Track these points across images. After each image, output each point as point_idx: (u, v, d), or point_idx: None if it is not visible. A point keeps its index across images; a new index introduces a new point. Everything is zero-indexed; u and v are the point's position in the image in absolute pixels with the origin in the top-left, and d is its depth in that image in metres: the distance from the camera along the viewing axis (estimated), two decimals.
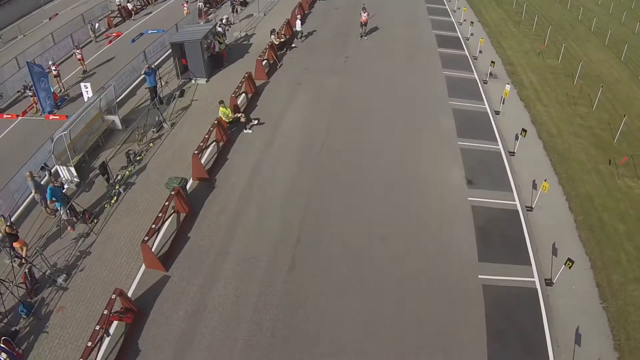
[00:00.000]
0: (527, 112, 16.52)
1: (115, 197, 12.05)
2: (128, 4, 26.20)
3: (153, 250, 10.18)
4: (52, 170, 12.84)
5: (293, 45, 20.35)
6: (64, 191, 11.28)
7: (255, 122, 14.58)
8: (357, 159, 13.46)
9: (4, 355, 8.43)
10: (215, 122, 13.26)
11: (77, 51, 19.54)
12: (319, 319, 9.06)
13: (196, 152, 12.02)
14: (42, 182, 12.27)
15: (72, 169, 12.84)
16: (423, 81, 18.02)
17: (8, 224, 9.99)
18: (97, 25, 23.61)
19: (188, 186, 12.15)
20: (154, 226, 9.85)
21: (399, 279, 9.89)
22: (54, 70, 17.96)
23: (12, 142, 15.05)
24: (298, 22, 21.02)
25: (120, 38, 23.22)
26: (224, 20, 20.85)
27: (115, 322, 8.95)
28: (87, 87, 15.53)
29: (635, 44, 24.28)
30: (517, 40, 23.09)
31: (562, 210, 12.32)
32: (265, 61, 18.09)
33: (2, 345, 8.46)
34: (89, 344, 8.05)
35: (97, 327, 8.28)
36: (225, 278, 9.81)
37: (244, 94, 16.19)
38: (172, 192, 10.64)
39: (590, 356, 8.69)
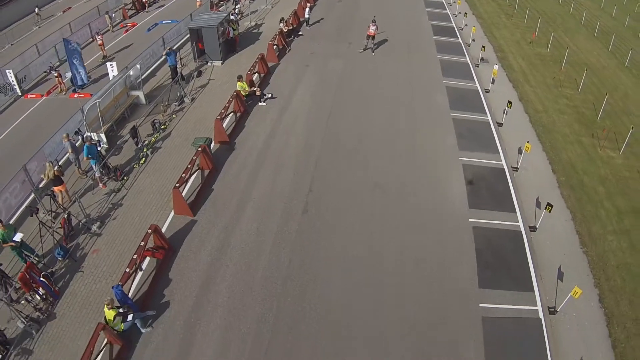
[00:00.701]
0: (515, 92, 18.03)
1: (143, 159, 13.39)
2: None
3: None
4: (84, 135, 14.18)
5: (300, 33, 21.84)
6: (98, 150, 12.61)
7: (269, 95, 16.03)
8: (359, 127, 14.88)
9: (42, 290, 9.52)
10: (234, 94, 14.66)
11: (98, 37, 20.95)
12: (329, 251, 10.43)
13: (218, 117, 13.45)
14: (76, 144, 13.61)
15: (103, 135, 14.20)
16: (419, 64, 19.57)
17: (56, 167, 11.27)
18: (113, 15, 25.12)
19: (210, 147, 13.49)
20: (183, 175, 11.19)
21: (398, 222, 11.27)
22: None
23: (39, 118, 16.44)
24: (307, 10, 22.52)
25: (136, 28, 24.71)
26: (236, 10, 22.34)
27: (147, 259, 10.23)
28: (112, 66, 16.95)
29: (623, 35, 25.78)
30: (509, 30, 24.69)
31: (545, 172, 13.74)
32: (275, 46, 19.53)
33: (42, 279, 9.64)
34: (127, 270, 9.34)
35: (135, 256, 9.56)
36: (246, 221, 11.19)
37: (257, 74, 17.63)
38: (199, 149, 11.98)
39: (571, 289, 9.72)
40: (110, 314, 8.44)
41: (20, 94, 18.38)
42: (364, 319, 9.06)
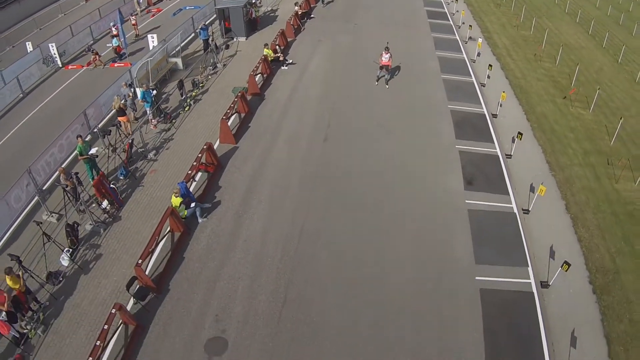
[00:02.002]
0: (498, 63, 20.95)
1: (187, 107, 16.12)
2: None
3: None
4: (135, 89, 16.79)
5: (312, 16, 24.92)
6: (152, 95, 15.25)
7: (290, 61, 19.07)
8: (367, 83, 17.86)
9: (106, 202, 11.96)
10: (262, 58, 17.49)
11: (132, 17, 23.76)
12: (345, 168, 13.29)
13: (252, 72, 16.31)
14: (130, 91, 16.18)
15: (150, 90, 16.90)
16: (415, 40, 22.61)
17: (122, 101, 13.91)
18: (141, 1, 27.91)
19: None
20: (228, 111, 13.94)
21: (396, 145, 14.16)
22: (114, 30, 22.01)
23: (83, 84, 19.02)
24: None
25: (161, 13, 27.52)
26: None
27: (199, 174, 12.86)
28: (153, 38, 19.73)
29: (605, 22, 28.39)
30: (496, 16, 27.71)
31: (520, 119, 16.57)
32: (291, 26, 22.36)
33: (111, 186, 12.18)
34: (190, 172, 12.00)
35: (194, 163, 12.23)
36: (279, 147, 14.06)
37: (277, 46, 20.40)
38: (239, 94, 14.69)
39: (541, 200, 12.30)
40: (176, 201, 11.03)
41: (60, 65, 20.88)
42: (373, 197, 12.10)
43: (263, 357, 8.60)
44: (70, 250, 10.81)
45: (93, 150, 12.59)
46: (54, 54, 20.69)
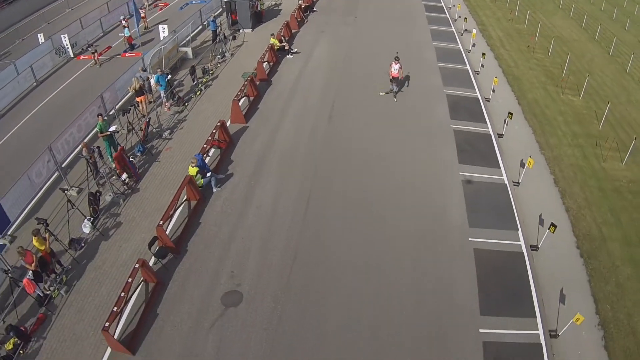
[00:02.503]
0: (492, 53, 21.96)
1: (199, 92, 16.99)
2: None
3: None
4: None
5: (314, 9, 26.00)
6: (167, 79, 16.11)
7: (295, 50, 20.08)
8: (367, 69, 18.86)
9: (125, 175, 12.79)
10: (268, 46, 18.42)
11: (142, 10, 24.60)
12: (348, 142, 14.24)
13: (260, 60, 17.25)
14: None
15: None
16: (414, 33, 23.57)
17: (141, 82, 14.77)
18: None
19: None
20: (239, 93, 14.79)
21: (397, 129, 15.07)
22: (124, 23, 22.89)
23: (95, 73, 19.90)
24: None
25: (168, 7, 28.46)
26: None
27: (212, 149, 13.72)
28: (164, 28, 20.63)
29: (598, 16, 29.44)
30: (492, 11, 28.78)
31: (512, 103, 17.55)
32: (295, 18, 23.32)
33: (130, 159, 13.04)
34: (205, 145, 12.87)
35: (209, 138, 13.10)
36: (286, 126, 15.01)
37: (282, 37, 21.33)
38: (248, 78, 15.57)
39: (531, 174, 13.24)
40: (193, 170, 11.93)
41: (72, 55, 21.71)
42: (374, 168, 13.06)
43: (276, 306, 9.43)
44: (92, 218, 11.64)
45: (112, 128, 13.43)
46: (66, 44, 21.51)
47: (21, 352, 8.78)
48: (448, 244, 10.89)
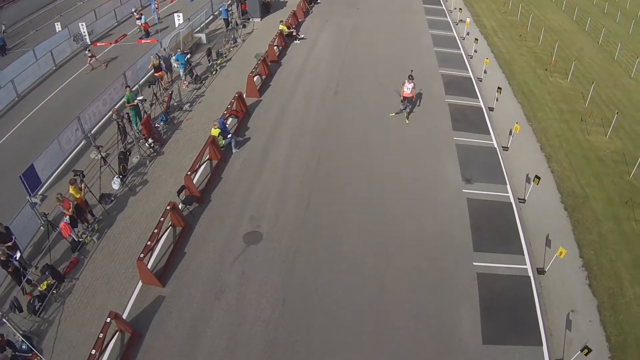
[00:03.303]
0: (485, 40, 23.44)
1: (215, 71, 18.33)
2: None
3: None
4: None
5: (319, 1, 27.57)
6: (187, 58, 17.44)
7: (302, 36, 21.58)
8: (369, 54, 20.28)
9: (151, 140, 14.07)
10: (278, 32, 19.89)
11: (155, 2, 25.97)
12: (352, 114, 15.65)
13: (271, 43, 18.72)
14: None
15: None
16: (412, 22, 25.11)
17: (159, 61, 16.12)
18: None
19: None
20: (254, 70, 16.23)
21: (396, 103, 16.12)
22: (136, 15, 24.37)
23: (113, 58, 21.14)
24: None
25: (177, 0, 29.88)
26: None
27: (230, 119, 15.05)
28: (179, 16, 21.94)
29: (590, 10, 30.60)
30: (486, 4, 30.31)
31: (503, 84, 18.81)
32: (301, 8, 24.86)
33: (156, 125, 14.37)
34: (225, 112, 14.14)
35: (228, 106, 14.40)
36: (296, 99, 16.46)
37: (290, 24, 22.85)
38: (261, 58, 16.98)
39: (519, 140, 14.64)
40: (215, 132, 13.34)
41: (89, 42, 22.91)
42: (376, 134, 14.33)
43: (292, 244, 10.76)
44: (121, 176, 12.91)
45: (139, 98, 14.74)
46: (84, 32, 22.78)
47: (54, 291, 9.61)
48: (445, 195, 12.29)
